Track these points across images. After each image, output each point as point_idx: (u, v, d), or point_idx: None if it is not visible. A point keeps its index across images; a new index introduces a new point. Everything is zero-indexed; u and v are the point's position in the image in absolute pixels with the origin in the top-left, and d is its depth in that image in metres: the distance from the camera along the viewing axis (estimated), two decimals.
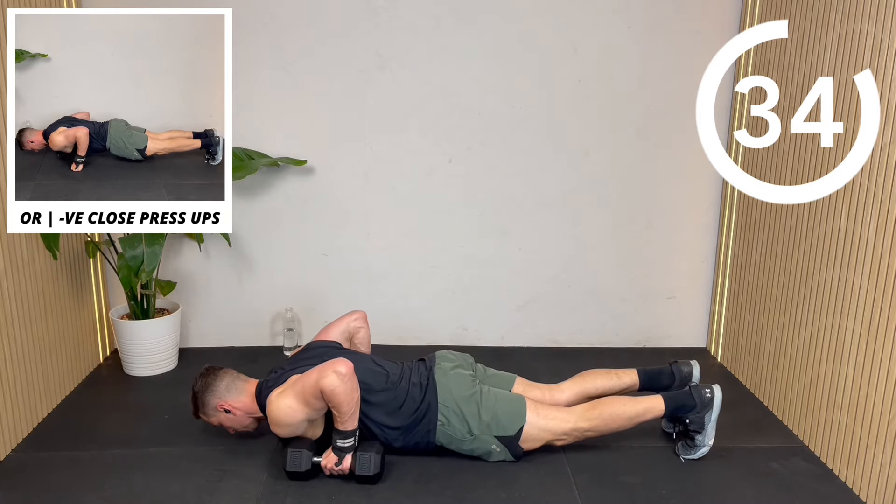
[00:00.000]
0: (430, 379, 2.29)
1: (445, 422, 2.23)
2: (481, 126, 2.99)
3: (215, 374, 2.30)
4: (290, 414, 2.13)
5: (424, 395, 2.25)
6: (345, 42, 2.89)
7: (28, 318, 2.45)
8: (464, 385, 2.28)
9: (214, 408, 2.27)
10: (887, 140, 2.01)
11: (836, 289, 2.26)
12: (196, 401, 2.29)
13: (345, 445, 2.13)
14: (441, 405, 2.23)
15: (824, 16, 2.32)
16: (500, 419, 2.23)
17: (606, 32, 2.91)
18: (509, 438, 2.23)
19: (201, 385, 2.28)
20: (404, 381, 2.29)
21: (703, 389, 2.26)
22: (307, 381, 2.10)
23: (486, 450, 2.24)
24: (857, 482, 2.15)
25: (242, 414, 2.28)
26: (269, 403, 2.16)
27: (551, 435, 2.25)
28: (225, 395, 2.28)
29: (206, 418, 2.31)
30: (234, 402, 2.27)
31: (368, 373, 2.27)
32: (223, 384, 2.28)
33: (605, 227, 3.11)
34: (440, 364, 2.36)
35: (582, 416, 2.25)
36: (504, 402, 2.26)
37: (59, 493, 2.10)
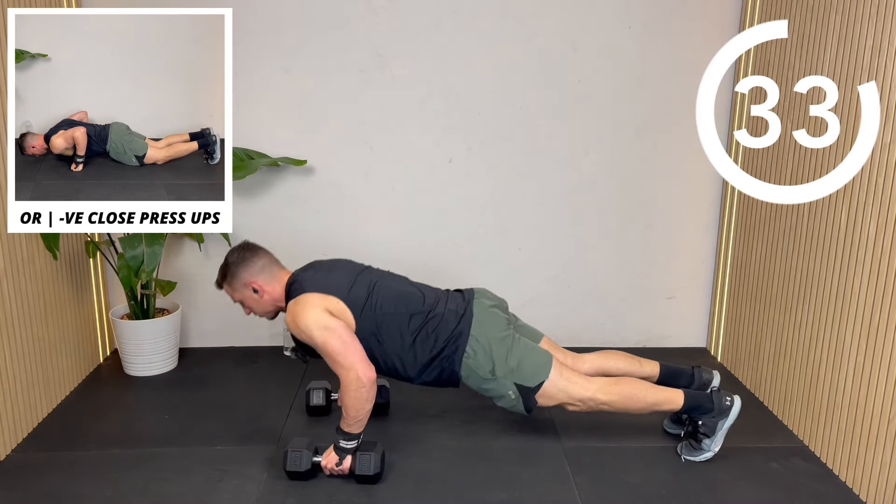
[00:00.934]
0: (468, 310, 2.27)
1: (472, 354, 2.21)
2: (481, 126, 2.99)
3: (254, 250, 2.30)
4: (304, 332, 2.12)
5: (459, 322, 2.24)
6: (345, 42, 2.89)
7: (28, 318, 2.45)
8: (499, 326, 2.27)
9: (244, 283, 2.26)
10: (887, 140, 2.01)
11: (836, 289, 2.26)
12: (227, 270, 2.27)
13: (347, 447, 2.13)
14: (473, 338, 2.22)
15: (824, 16, 2.32)
16: (524, 368, 2.22)
17: (606, 32, 2.92)
18: (527, 389, 2.22)
19: (238, 257, 2.27)
20: (440, 305, 2.28)
21: (724, 396, 2.26)
22: (337, 351, 2.09)
23: (502, 394, 2.23)
24: (857, 482, 2.15)
25: (269, 299, 2.28)
26: (297, 306, 2.15)
27: (567, 398, 2.24)
28: (258, 274, 2.27)
29: (229, 291, 2.30)
30: (264, 285, 2.26)
31: (406, 296, 2.27)
32: (260, 263, 2.28)
33: (605, 227, 3.11)
34: (479, 299, 2.33)
35: (602, 388, 2.24)
36: (532, 353, 2.26)
37: (59, 493, 2.11)
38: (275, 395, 2.73)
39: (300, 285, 2.21)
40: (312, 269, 2.30)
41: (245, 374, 2.94)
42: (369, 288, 2.26)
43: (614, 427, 2.48)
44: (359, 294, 2.23)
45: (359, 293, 2.23)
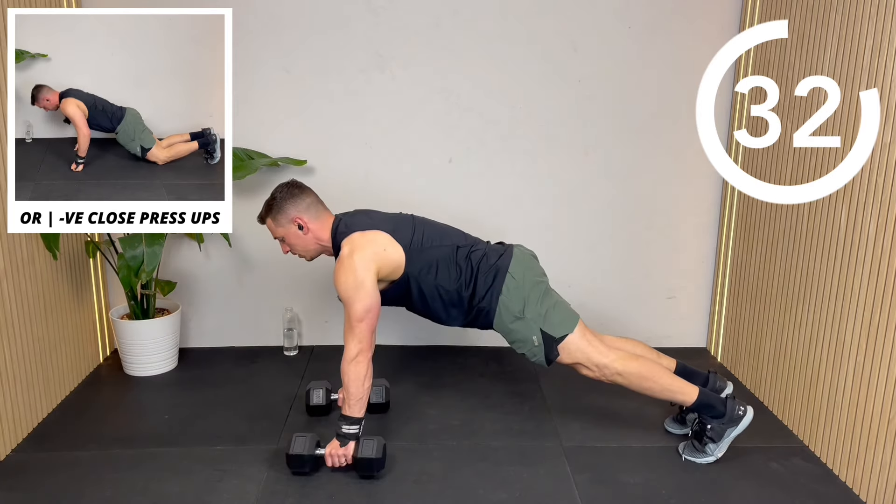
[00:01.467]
0: (508, 250, 2.33)
1: (506, 291, 2.24)
2: (481, 126, 2.99)
3: (302, 188, 2.31)
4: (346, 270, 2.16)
5: (500, 258, 2.28)
6: (345, 42, 2.89)
7: (28, 318, 2.45)
8: (536, 271, 2.34)
9: (290, 218, 2.26)
10: (887, 140, 2.01)
11: (836, 289, 2.26)
12: (273, 205, 2.27)
13: (350, 432, 2.14)
14: (510, 275, 2.25)
15: (824, 16, 2.32)
16: (552, 317, 2.25)
17: (606, 32, 2.92)
18: (551, 339, 2.24)
19: (285, 193, 2.27)
20: (482, 243, 2.37)
21: (738, 405, 2.25)
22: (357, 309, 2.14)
23: (527, 337, 2.25)
24: (857, 482, 2.15)
25: (312, 237, 2.29)
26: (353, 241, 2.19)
27: (586, 359, 2.25)
28: (305, 211, 2.28)
29: (272, 225, 2.29)
30: (310, 222, 2.27)
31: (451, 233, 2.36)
32: (308, 201, 2.29)
33: (605, 227, 3.11)
34: (521, 248, 2.39)
35: (621, 358, 2.25)
36: (563, 306, 2.31)
37: (59, 493, 2.11)
38: (275, 395, 2.73)
39: (346, 226, 2.25)
40: (358, 213, 2.35)
41: (245, 374, 2.93)
42: (413, 226, 2.32)
43: (614, 427, 2.48)
44: (405, 231, 2.29)
45: (404, 230, 2.29)
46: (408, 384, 2.80)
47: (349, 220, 2.30)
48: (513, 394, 2.76)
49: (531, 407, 2.65)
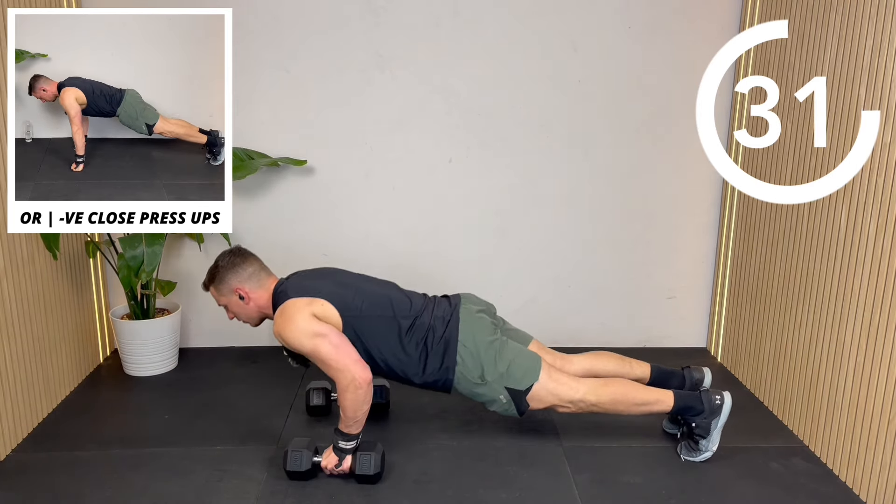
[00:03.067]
0: (454, 316, 2.27)
1: (461, 361, 2.21)
2: (481, 126, 2.99)
3: (244, 256, 2.29)
4: (293, 342, 2.12)
5: (446, 329, 2.24)
6: (345, 42, 2.89)
7: (28, 318, 2.45)
8: (486, 330, 2.27)
9: (231, 289, 2.26)
10: (887, 140, 2.01)
11: (836, 289, 2.26)
12: (216, 273, 2.27)
13: (346, 447, 2.13)
14: (461, 344, 2.22)
15: (824, 16, 2.32)
16: (513, 372, 2.22)
17: (606, 32, 2.92)
18: (518, 393, 2.22)
19: (228, 262, 2.26)
20: (427, 312, 2.28)
21: (713, 395, 2.25)
22: (329, 357, 2.08)
23: (493, 398, 2.23)
24: (857, 482, 2.15)
25: (254, 307, 2.27)
26: (290, 311, 2.13)
27: (558, 400, 2.23)
28: (247, 281, 2.26)
29: (215, 294, 2.29)
30: (251, 292, 2.26)
31: (394, 300, 2.27)
32: (250, 270, 2.27)
33: (605, 227, 3.11)
34: (466, 305, 2.33)
35: (592, 390, 2.24)
36: (521, 356, 2.26)
37: (59, 493, 2.11)
38: (275, 395, 2.73)
39: (285, 292, 2.21)
40: (297, 276, 2.30)
41: (245, 374, 2.94)
42: (354, 292, 2.25)
43: (614, 427, 2.48)
44: (344, 296, 2.22)
45: (344, 295, 2.22)
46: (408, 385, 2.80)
47: (288, 284, 2.25)
48: None
49: None
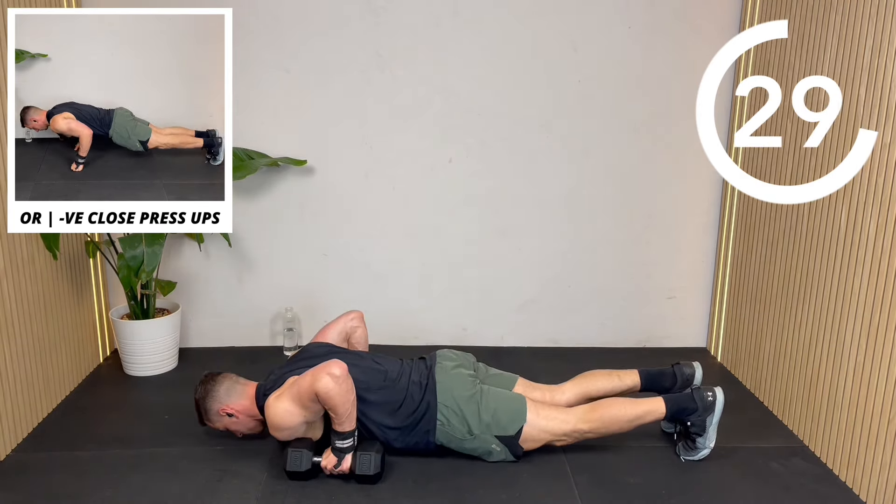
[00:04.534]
0: (430, 378, 2.29)
1: (445, 422, 2.23)
2: (481, 126, 2.99)
3: (214, 379, 2.30)
4: (287, 418, 2.13)
5: (424, 394, 2.25)
6: (345, 42, 2.89)
7: (28, 318, 2.45)
8: (464, 385, 2.28)
9: (217, 413, 2.27)
10: (887, 140, 2.01)
11: (836, 289, 2.26)
12: (199, 408, 2.29)
13: (344, 446, 2.13)
14: (441, 405, 2.23)
15: (824, 16, 2.32)
16: (500, 419, 2.22)
17: (606, 32, 2.92)
18: (509, 438, 2.22)
19: (202, 392, 2.28)
20: (403, 378, 2.29)
21: (705, 392, 2.25)
22: (302, 385, 2.10)
23: (487, 449, 2.24)
24: (857, 482, 2.15)
25: (245, 417, 2.28)
26: (267, 408, 2.16)
27: (551, 436, 2.25)
28: (225, 399, 2.27)
29: (211, 424, 2.31)
30: (235, 406, 2.27)
31: (367, 371, 2.27)
32: (223, 388, 2.28)
33: (605, 227, 3.11)
34: (441, 363, 2.35)
35: (582, 418, 2.24)
36: (504, 401, 2.26)
37: (59, 493, 2.10)
38: None
39: (263, 392, 2.23)
40: (273, 374, 2.30)
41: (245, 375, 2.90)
42: None
43: None
44: None
45: None
46: None
47: (267, 385, 2.25)
48: None
49: None
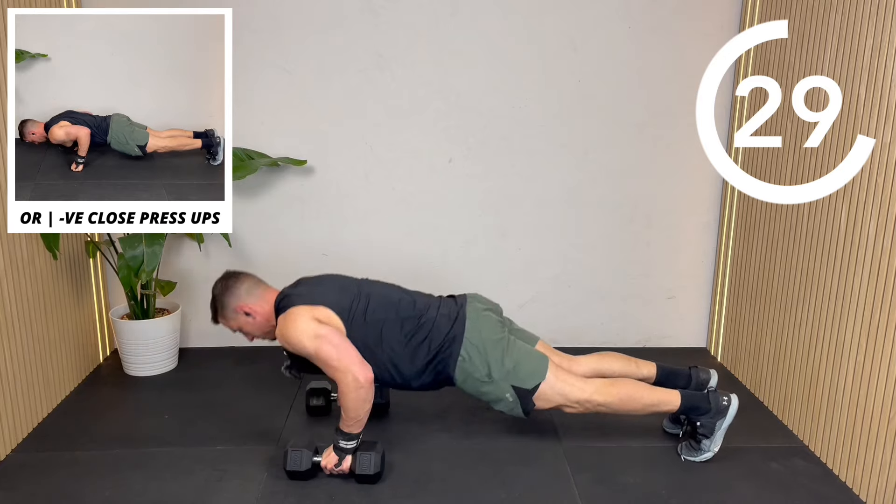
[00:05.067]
0: (461, 313, 2.26)
1: (467, 357, 2.20)
2: (481, 126, 2.99)
3: (236, 277, 2.30)
4: (298, 344, 2.12)
5: (452, 326, 2.23)
6: (345, 42, 2.89)
7: (28, 318, 2.45)
8: (493, 328, 2.27)
9: (234, 310, 2.26)
10: (887, 140, 2.01)
11: (836, 289, 2.26)
12: (216, 304, 2.28)
13: (347, 447, 2.13)
14: (467, 340, 2.21)
15: (824, 16, 2.32)
16: (520, 370, 2.21)
17: (606, 32, 2.92)
18: (525, 391, 2.21)
19: (221, 288, 2.27)
20: (432, 309, 2.28)
21: (720, 396, 2.26)
22: (331, 357, 2.08)
23: (500, 396, 2.22)
24: (857, 482, 2.15)
25: (262, 320, 2.27)
26: (291, 317, 2.14)
27: (564, 400, 2.23)
28: (245, 298, 2.26)
29: (225, 322, 2.30)
30: (255, 306, 2.26)
31: (397, 301, 2.26)
32: (244, 287, 2.28)
33: (605, 227, 3.11)
34: (472, 303, 2.33)
35: (599, 390, 2.24)
36: (528, 355, 2.25)
37: (59, 493, 2.11)
38: (275, 395, 2.73)
39: (288, 300, 2.21)
40: (300, 285, 2.30)
41: (245, 374, 2.94)
42: (358, 296, 2.25)
43: (614, 427, 2.48)
44: (347, 302, 2.22)
45: (347, 301, 2.23)
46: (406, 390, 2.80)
47: (290, 292, 2.25)
48: None
49: None
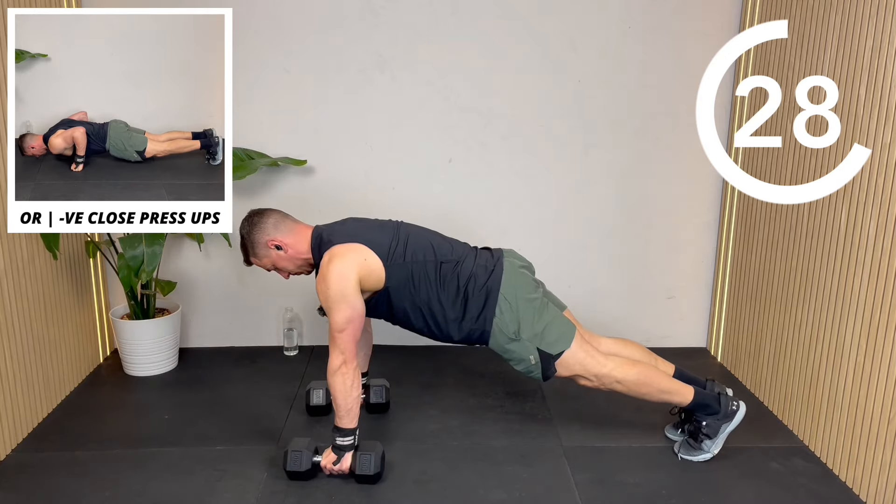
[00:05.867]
0: (498, 266, 2.23)
1: (500, 314, 2.18)
2: (481, 126, 2.99)
3: (261, 213, 2.26)
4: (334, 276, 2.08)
5: (489, 278, 2.20)
6: (345, 42, 2.89)
7: (28, 318, 2.45)
8: (528, 287, 2.25)
9: (265, 245, 2.22)
10: (887, 140, 2.01)
11: (836, 289, 2.26)
12: (245, 243, 2.24)
13: (344, 444, 2.13)
14: (502, 296, 2.19)
15: (824, 16, 2.32)
16: (548, 335, 2.20)
17: (606, 32, 2.92)
18: (548, 356, 2.20)
19: (247, 226, 2.23)
20: (469, 259, 2.25)
21: (731, 400, 2.28)
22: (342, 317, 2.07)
23: (523, 357, 2.21)
24: (857, 482, 2.15)
25: (294, 253, 2.23)
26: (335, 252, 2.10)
27: (584, 370, 2.22)
28: (273, 231, 2.22)
29: (257, 261, 2.26)
30: (284, 239, 2.22)
31: (435, 245, 2.24)
32: (271, 221, 2.23)
33: (606, 226, 3.11)
34: (509, 258, 2.30)
35: (619, 367, 2.23)
36: (557, 321, 2.24)
37: (59, 493, 2.11)
38: (275, 395, 2.73)
39: (328, 237, 2.18)
40: (337, 224, 2.28)
41: (245, 374, 2.94)
42: (398, 237, 2.23)
43: (614, 427, 2.48)
44: (388, 242, 2.20)
45: (387, 241, 2.20)
46: (408, 384, 2.80)
47: (328, 231, 2.23)
48: (513, 394, 2.75)
49: (531, 407, 2.66)
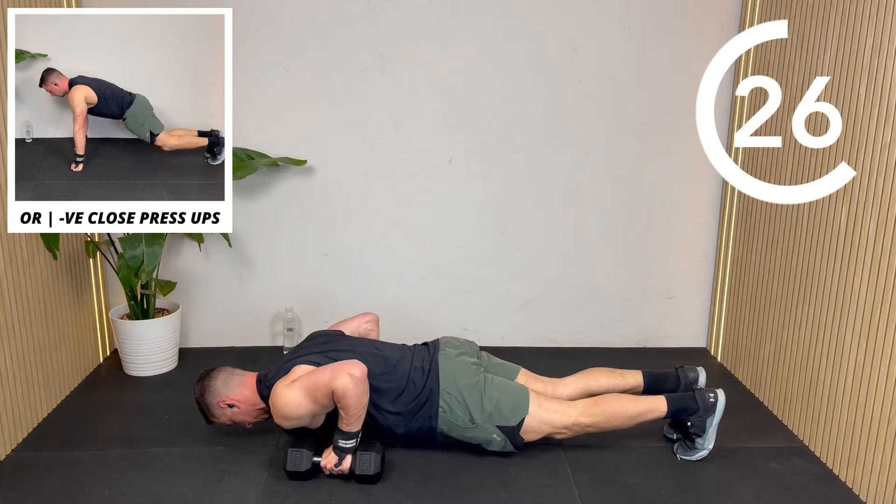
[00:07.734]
0: (434, 364, 2.28)
1: (447, 409, 2.22)
2: (481, 126, 2.99)
3: (209, 374, 2.30)
4: (296, 408, 2.11)
5: (426, 380, 2.25)
6: (345, 42, 2.89)
7: (28, 318, 2.45)
8: (467, 373, 2.28)
9: (218, 406, 2.26)
10: (887, 140, 2.01)
11: (836, 289, 2.26)
12: (201, 407, 2.29)
13: (346, 446, 2.13)
14: (443, 392, 2.23)
15: (824, 16, 2.32)
16: (502, 409, 2.22)
17: (606, 32, 2.92)
18: (510, 429, 2.22)
19: (199, 390, 2.27)
20: (405, 364, 2.29)
21: (706, 393, 2.26)
22: (319, 379, 2.09)
23: (487, 438, 2.24)
24: (857, 482, 2.15)
25: (247, 407, 2.27)
26: (275, 395, 2.14)
27: (552, 428, 2.25)
28: (223, 391, 2.26)
29: (216, 420, 2.30)
30: (235, 396, 2.26)
31: (368, 357, 2.26)
32: (219, 381, 2.28)
33: (605, 226, 3.11)
34: (444, 350, 2.35)
35: (583, 412, 2.25)
36: (507, 392, 2.26)
37: (59, 493, 2.11)
38: None
39: (271, 380, 2.22)
40: (274, 365, 2.30)
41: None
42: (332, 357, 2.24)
43: None
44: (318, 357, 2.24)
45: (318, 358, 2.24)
46: None
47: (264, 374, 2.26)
48: None
49: None
